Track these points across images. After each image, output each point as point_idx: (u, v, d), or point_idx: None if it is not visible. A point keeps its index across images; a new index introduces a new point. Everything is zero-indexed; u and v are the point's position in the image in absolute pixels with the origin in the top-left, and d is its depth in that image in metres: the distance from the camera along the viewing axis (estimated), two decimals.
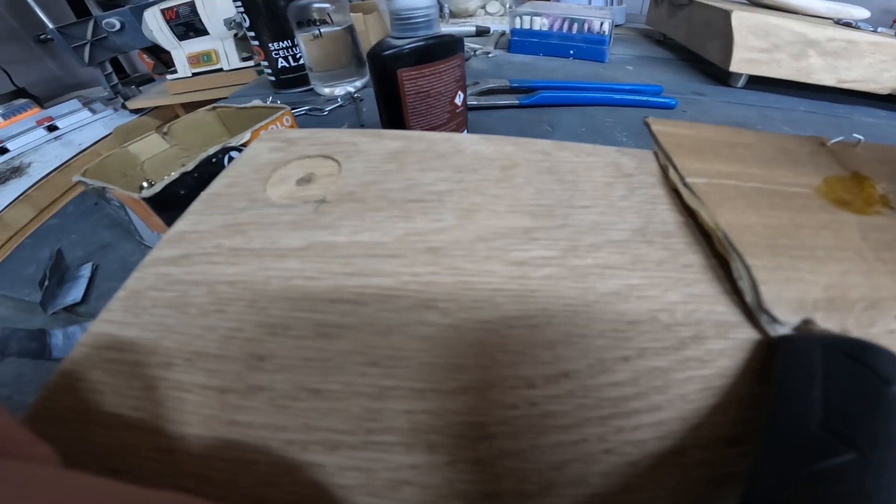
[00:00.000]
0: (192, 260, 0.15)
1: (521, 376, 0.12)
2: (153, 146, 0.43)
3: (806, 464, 0.09)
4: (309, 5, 0.57)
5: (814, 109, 0.53)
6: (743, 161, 0.19)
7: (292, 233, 0.16)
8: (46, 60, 1.51)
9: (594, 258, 0.15)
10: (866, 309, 0.13)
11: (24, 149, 0.99)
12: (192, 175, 0.32)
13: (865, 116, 0.51)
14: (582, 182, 0.19)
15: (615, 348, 0.13)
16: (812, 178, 0.18)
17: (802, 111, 0.53)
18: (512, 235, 0.16)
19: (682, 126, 0.21)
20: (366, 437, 0.11)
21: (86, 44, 1.03)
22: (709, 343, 0.13)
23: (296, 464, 0.11)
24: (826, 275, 0.14)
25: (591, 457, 0.11)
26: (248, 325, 0.13)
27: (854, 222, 0.16)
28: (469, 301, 0.14)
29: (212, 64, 1.00)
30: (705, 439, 0.11)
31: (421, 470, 0.11)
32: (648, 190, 0.18)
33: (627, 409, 0.11)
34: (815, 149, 0.20)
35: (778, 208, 0.16)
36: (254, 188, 0.19)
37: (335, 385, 0.12)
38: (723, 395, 0.12)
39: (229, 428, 0.11)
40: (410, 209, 0.17)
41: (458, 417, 0.11)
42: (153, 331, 0.14)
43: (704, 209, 0.16)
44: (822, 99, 0.55)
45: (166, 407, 0.12)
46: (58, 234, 0.42)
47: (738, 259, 0.14)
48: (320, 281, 0.15)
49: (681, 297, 0.14)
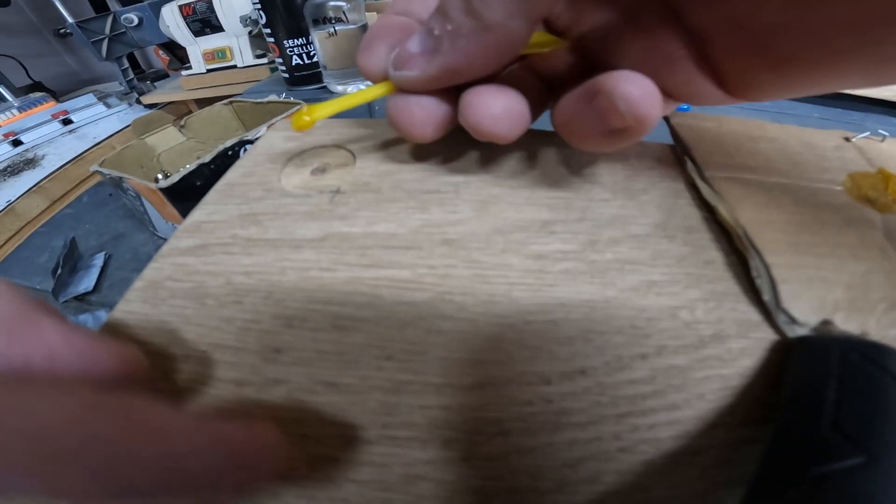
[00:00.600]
0: (209, 250, 0.16)
1: (537, 372, 0.12)
2: (170, 139, 0.44)
3: (813, 465, 0.09)
4: (325, 3, 0.57)
5: (827, 116, 0.53)
6: (766, 155, 0.18)
7: (308, 223, 0.16)
8: (64, 55, 1.53)
9: (613, 253, 0.15)
10: (888, 310, 0.12)
11: (38, 141, 1.01)
12: (209, 167, 0.32)
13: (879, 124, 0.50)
14: (601, 174, 0.18)
15: (633, 345, 0.13)
16: (837, 173, 0.17)
17: (816, 118, 0.52)
18: (530, 228, 0.16)
19: (702, 119, 0.21)
20: (381, 432, 0.11)
21: (104, 38, 1.04)
22: (729, 342, 0.12)
23: (311, 457, 0.11)
24: (848, 274, 0.13)
25: (605, 455, 0.11)
26: (265, 316, 0.14)
27: (878, 220, 0.15)
28: (486, 295, 0.14)
29: (226, 60, 1.01)
30: (723, 439, 0.11)
31: (436, 465, 0.11)
32: (670, 183, 0.18)
33: (644, 408, 0.11)
34: (841, 143, 0.20)
35: (801, 204, 0.16)
36: (269, 178, 0.19)
37: (351, 379, 0.12)
38: (742, 395, 0.11)
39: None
40: (426, 200, 0.17)
41: (474, 413, 0.11)
42: (172, 321, 0.14)
43: (724, 205, 0.15)
44: (835, 105, 0.54)
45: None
46: (72, 224, 0.43)
47: (757, 257, 0.14)
48: (336, 273, 0.15)
49: (702, 295, 0.14)
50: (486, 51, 0.14)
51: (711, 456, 0.11)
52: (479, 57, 0.14)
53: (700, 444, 0.11)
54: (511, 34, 0.13)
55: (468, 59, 0.14)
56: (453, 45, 0.14)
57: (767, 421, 0.11)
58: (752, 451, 0.11)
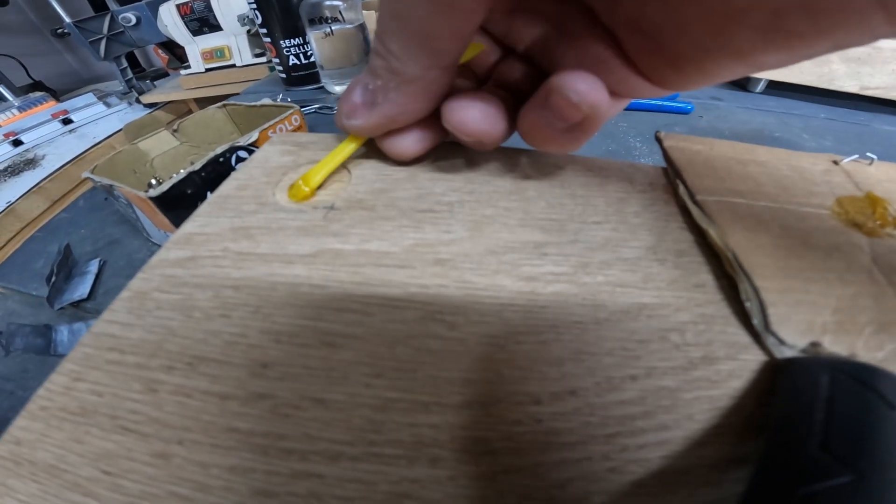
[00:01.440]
0: (199, 263, 0.15)
1: (527, 392, 0.12)
2: (163, 143, 0.44)
3: (801, 484, 0.09)
4: (321, 3, 0.57)
5: (834, 116, 0.52)
6: (755, 179, 0.19)
7: (300, 239, 0.16)
8: (63, 54, 1.53)
9: (605, 275, 0.15)
10: (875, 332, 0.12)
11: (38, 141, 1.00)
12: (200, 174, 0.32)
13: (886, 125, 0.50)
14: (594, 197, 0.18)
15: (623, 367, 0.13)
16: (825, 198, 0.18)
17: (823, 118, 0.52)
18: (522, 250, 0.16)
19: (694, 142, 0.21)
20: (367, 449, 0.11)
21: (102, 38, 1.04)
22: (719, 364, 0.13)
23: (295, 473, 0.11)
24: (836, 297, 0.13)
25: (594, 475, 0.11)
26: (253, 331, 0.13)
27: (866, 244, 0.15)
28: (477, 315, 0.14)
29: (225, 60, 1.01)
30: (711, 459, 0.11)
31: (422, 484, 0.11)
32: (662, 206, 0.18)
33: (633, 428, 0.11)
34: (829, 167, 0.20)
35: (790, 228, 0.16)
36: (263, 191, 0.19)
37: (338, 395, 0.12)
38: (730, 416, 0.12)
39: (228, 435, 0.11)
40: (420, 219, 0.17)
41: (462, 432, 0.11)
42: (156, 333, 0.13)
43: (714, 228, 0.16)
44: (842, 106, 0.54)
45: (165, 411, 0.12)
46: (67, 229, 0.43)
47: (747, 280, 0.14)
48: (327, 289, 0.15)
49: (692, 317, 0.14)
50: (414, 98, 0.16)
51: (700, 476, 0.11)
52: (410, 104, 0.16)
53: (689, 464, 0.11)
54: (432, 83, 0.16)
55: (400, 107, 0.16)
56: (385, 98, 0.16)
57: (756, 441, 0.11)
58: (740, 471, 0.11)
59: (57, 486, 0.11)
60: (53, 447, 0.11)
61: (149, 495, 0.10)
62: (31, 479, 0.11)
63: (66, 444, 0.11)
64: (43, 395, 0.12)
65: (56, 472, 0.11)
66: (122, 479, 0.11)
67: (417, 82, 0.15)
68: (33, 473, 0.11)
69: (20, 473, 0.11)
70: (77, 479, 0.11)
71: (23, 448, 0.11)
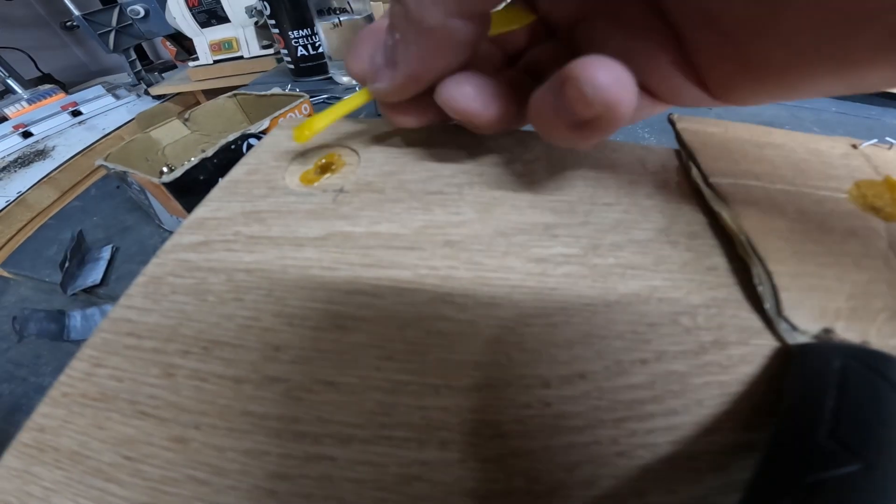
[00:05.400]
0: (212, 247, 0.16)
1: (536, 375, 0.12)
2: (174, 132, 0.44)
3: (808, 472, 0.09)
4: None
5: (845, 110, 0.51)
6: (771, 162, 0.18)
7: (311, 222, 0.16)
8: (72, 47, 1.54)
9: (616, 257, 0.15)
10: (889, 319, 0.12)
11: (48, 133, 1.01)
12: (212, 161, 0.32)
13: None
14: (605, 178, 0.18)
15: (633, 350, 0.12)
16: (843, 181, 0.17)
17: (833, 111, 0.51)
18: (532, 231, 0.16)
19: (708, 124, 0.20)
20: (378, 432, 0.11)
21: (111, 31, 1.04)
22: (730, 348, 0.12)
23: (308, 456, 0.11)
24: (850, 283, 0.13)
25: (603, 459, 0.11)
26: (266, 314, 0.14)
27: (883, 229, 0.15)
28: (486, 297, 0.14)
29: (233, 51, 1.01)
30: (720, 445, 0.11)
31: (432, 466, 0.11)
32: (674, 189, 0.18)
33: (642, 413, 0.11)
34: (847, 151, 0.19)
35: (806, 212, 0.16)
36: (273, 176, 0.19)
37: (350, 378, 0.12)
38: (741, 402, 0.11)
39: (243, 419, 0.12)
40: (430, 201, 0.17)
41: (472, 415, 0.11)
42: (172, 318, 0.14)
43: (727, 211, 0.15)
44: (854, 100, 0.53)
45: (182, 395, 0.12)
46: (80, 216, 0.43)
47: (760, 264, 0.14)
48: (337, 271, 0.15)
49: (703, 301, 0.14)
50: (436, 53, 0.14)
51: (708, 461, 0.11)
52: (431, 60, 0.14)
53: (697, 449, 0.11)
54: (454, 34, 0.13)
55: (422, 63, 0.14)
56: (405, 54, 0.14)
57: (765, 427, 0.11)
58: (749, 458, 0.10)
59: (80, 472, 0.11)
60: (76, 433, 0.11)
61: (168, 479, 0.11)
62: (55, 466, 0.11)
63: (88, 430, 0.12)
64: (64, 382, 0.12)
65: (79, 458, 0.11)
66: (142, 465, 0.11)
67: (439, 32, 0.13)
68: (57, 460, 0.11)
69: (44, 461, 0.11)
70: (100, 464, 0.11)
71: (46, 435, 0.11)
